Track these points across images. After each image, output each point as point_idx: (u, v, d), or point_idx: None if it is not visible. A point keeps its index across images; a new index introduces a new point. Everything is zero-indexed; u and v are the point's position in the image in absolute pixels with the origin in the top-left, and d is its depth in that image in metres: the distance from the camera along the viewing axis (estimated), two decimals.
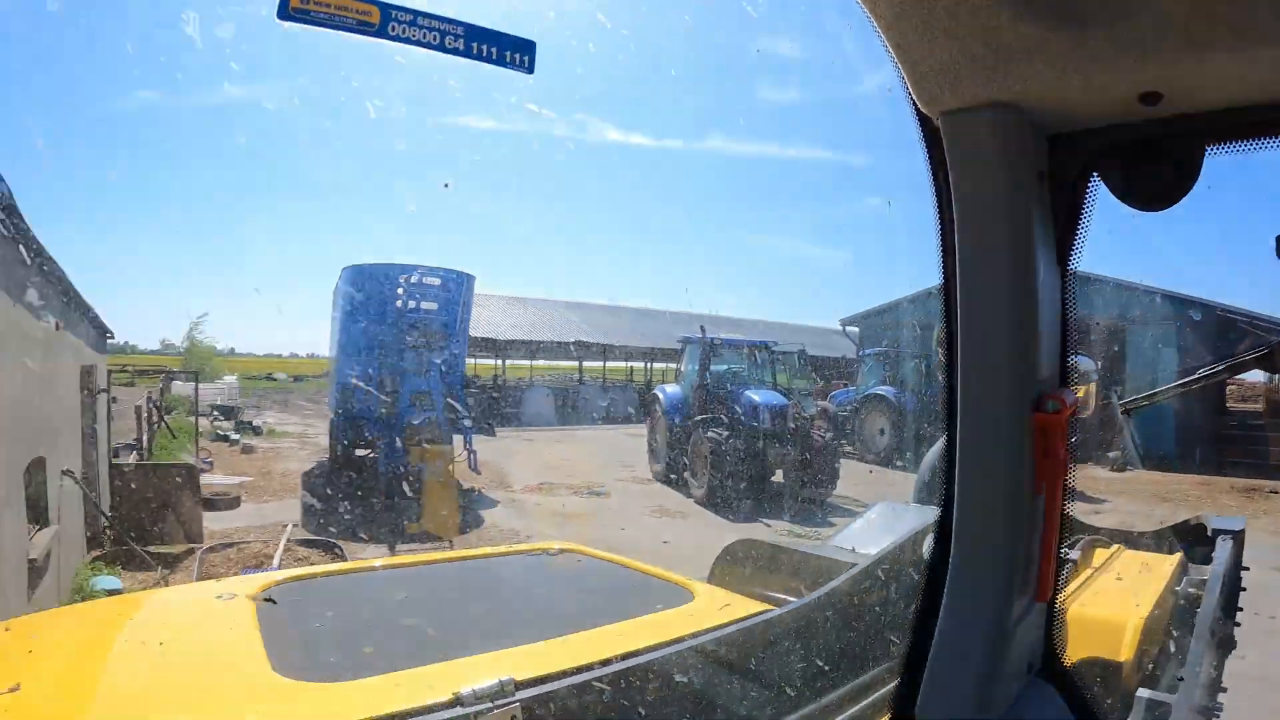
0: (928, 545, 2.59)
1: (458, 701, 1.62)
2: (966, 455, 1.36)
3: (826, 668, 2.16)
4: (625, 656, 1.89)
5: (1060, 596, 1.50)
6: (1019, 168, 1.26)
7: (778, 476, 15.72)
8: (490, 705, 1.60)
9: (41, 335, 7.31)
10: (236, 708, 1.77)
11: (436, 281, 14.46)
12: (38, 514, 7.21)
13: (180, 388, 24.94)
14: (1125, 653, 2.36)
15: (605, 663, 1.86)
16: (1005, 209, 1.26)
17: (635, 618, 2.35)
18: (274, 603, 2.32)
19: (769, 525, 13.23)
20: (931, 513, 3.28)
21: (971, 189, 1.27)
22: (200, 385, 18.05)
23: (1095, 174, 1.31)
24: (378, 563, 3.05)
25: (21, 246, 6.47)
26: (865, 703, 2.01)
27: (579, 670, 1.81)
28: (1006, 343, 1.29)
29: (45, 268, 7.42)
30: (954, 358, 1.34)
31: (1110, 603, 2.59)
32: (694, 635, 2.06)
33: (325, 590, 2.65)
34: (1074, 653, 1.59)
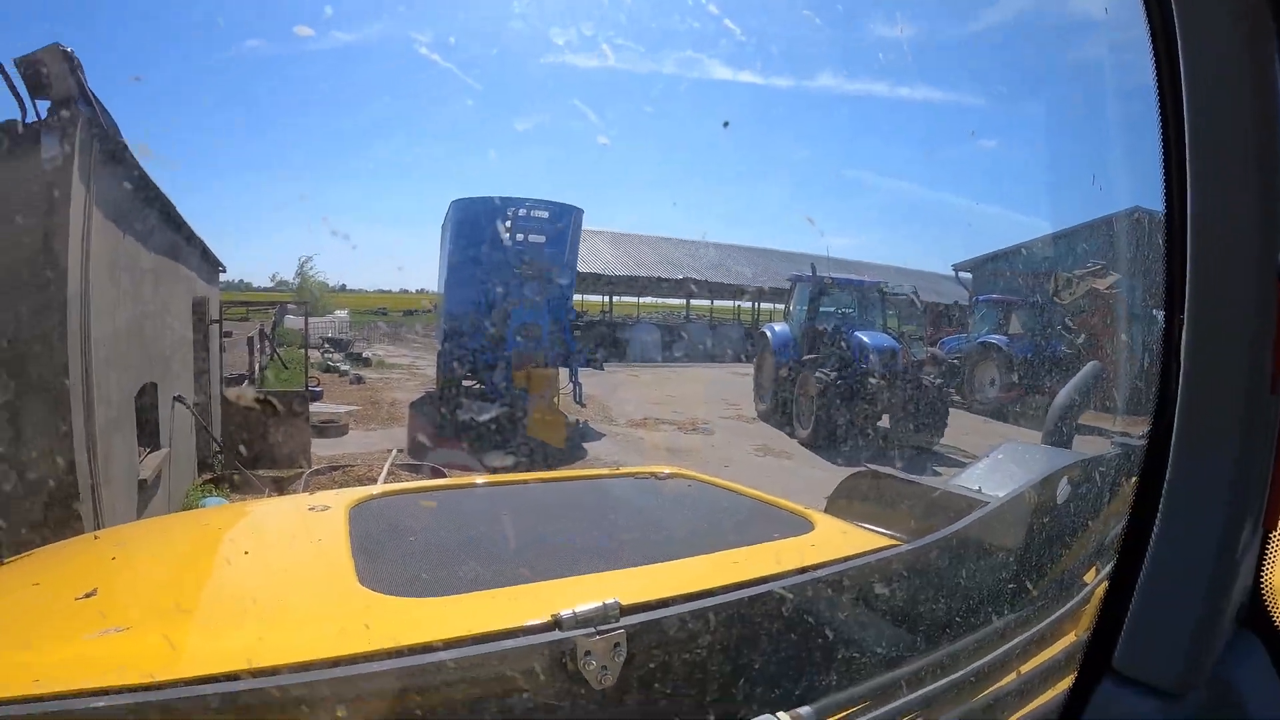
0: (1063, 488, 2.35)
1: (556, 624, 1.45)
2: (1198, 339, 1.11)
3: (962, 609, 1.97)
4: (741, 585, 1.74)
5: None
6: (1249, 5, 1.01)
7: (884, 421, 15.24)
8: (592, 630, 1.43)
9: (151, 266, 7.55)
10: (312, 619, 1.68)
11: (544, 214, 14.45)
12: (148, 437, 7.55)
13: (292, 322, 25.92)
14: None
15: (719, 590, 1.70)
16: (1239, 50, 1.01)
17: (750, 545, 2.21)
18: (367, 515, 2.25)
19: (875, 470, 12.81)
20: (1064, 455, 3.00)
21: (1200, 28, 1.03)
22: (312, 319, 18.68)
23: None
24: (479, 479, 2.96)
25: (128, 182, 6.64)
26: (1003, 649, 1.82)
27: (690, 597, 1.64)
28: (1250, 203, 1.04)
29: (155, 202, 7.62)
30: (1179, 231, 1.10)
31: None
32: (814, 566, 1.90)
33: (423, 505, 2.58)
34: None
